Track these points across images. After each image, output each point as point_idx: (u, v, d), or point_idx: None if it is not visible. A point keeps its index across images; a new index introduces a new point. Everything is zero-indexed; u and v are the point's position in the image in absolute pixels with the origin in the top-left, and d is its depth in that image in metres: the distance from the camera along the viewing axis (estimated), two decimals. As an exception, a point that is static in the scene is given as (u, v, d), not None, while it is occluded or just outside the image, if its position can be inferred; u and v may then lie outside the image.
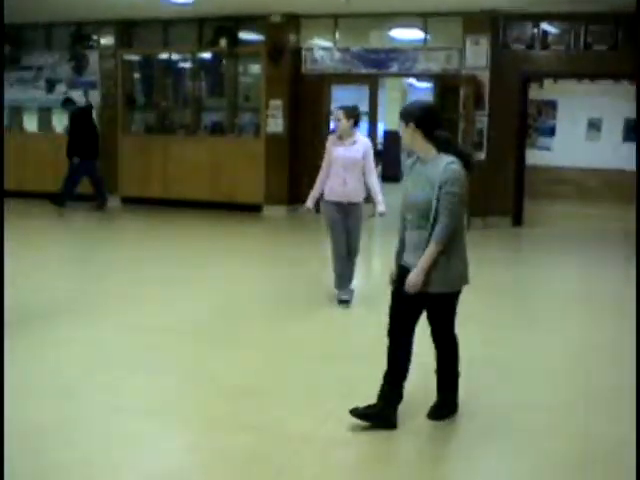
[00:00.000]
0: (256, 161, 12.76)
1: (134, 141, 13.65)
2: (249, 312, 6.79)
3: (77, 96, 13.70)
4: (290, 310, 6.79)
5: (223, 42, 12.79)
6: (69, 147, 12.67)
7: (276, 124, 12.58)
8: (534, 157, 14.49)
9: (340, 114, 6.59)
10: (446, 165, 3.94)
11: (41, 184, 13.74)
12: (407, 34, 12.34)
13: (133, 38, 13.79)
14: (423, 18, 11.99)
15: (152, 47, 13.62)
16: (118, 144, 13.52)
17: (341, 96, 13.34)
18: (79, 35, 13.93)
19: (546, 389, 4.97)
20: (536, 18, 11.42)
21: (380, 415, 4.14)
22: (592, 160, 15.21)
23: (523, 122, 12.10)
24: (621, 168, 14.58)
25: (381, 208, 6.59)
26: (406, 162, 4.35)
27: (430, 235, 3.96)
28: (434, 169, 3.97)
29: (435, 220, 3.94)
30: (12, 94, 14.42)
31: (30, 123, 15.10)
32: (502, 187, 11.80)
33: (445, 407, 4.35)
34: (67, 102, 13.33)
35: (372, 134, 12.85)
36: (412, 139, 4.08)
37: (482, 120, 11.55)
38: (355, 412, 4.12)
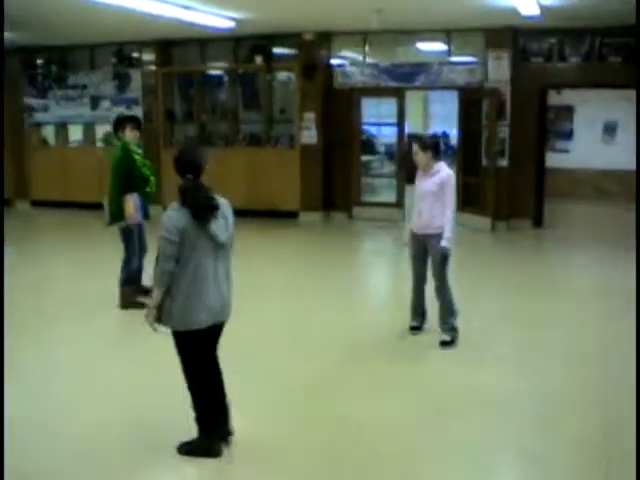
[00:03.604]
0: (292, 170, 13.60)
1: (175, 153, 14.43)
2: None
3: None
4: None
5: (259, 59, 13.63)
6: None
7: (310, 135, 13.41)
8: (553, 160, 15.22)
9: (415, 147, 6.37)
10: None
11: (84, 194, 14.73)
12: (432, 49, 13.17)
13: (172, 56, 14.66)
14: (447, 34, 12.81)
15: (191, 64, 14.48)
16: (160, 157, 14.34)
17: (371, 107, 14.21)
18: (121, 55, 14.84)
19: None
20: (554, 32, 12.18)
21: (202, 447, 4.42)
22: (608, 161, 15.93)
23: (542, 129, 12.89)
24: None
25: (443, 242, 6.28)
26: None
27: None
28: None
29: None
30: (59, 111, 15.41)
31: (75, 137, 16.03)
32: (523, 191, 12.61)
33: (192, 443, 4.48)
34: None
35: (400, 140, 13.78)
36: None
37: (504, 130, 12.35)
38: (180, 450, 4.45)
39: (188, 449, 4.43)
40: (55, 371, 6.05)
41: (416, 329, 6.87)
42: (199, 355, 4.39)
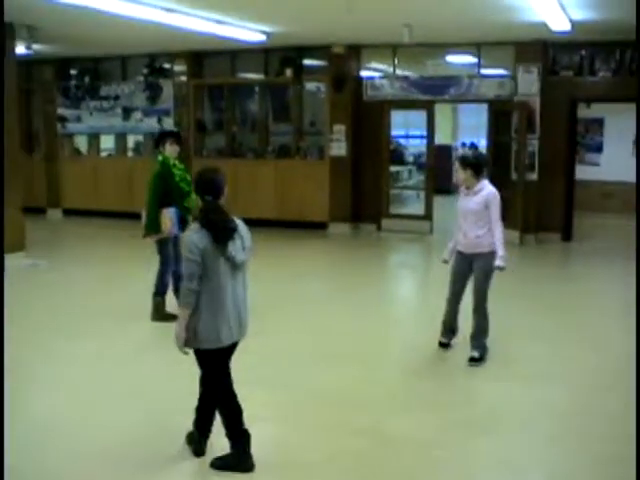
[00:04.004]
0: (321, 182, 13.69)
1: (205, 164, 14.52)
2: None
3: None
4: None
5: (289, 72, 13.76)
6: None
7: (339, 147, 13.49)
8: (583, 173, 15.16)
9: (456, 165, 6.46)
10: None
11: (115, 203, 15.07)
12: (462, 62, 13.22)
13: (204, 67, 14.82)
14: (477, 47, 12.84)
15: (221, 76, 14.63)
16: (192, 167, 14.49)
17: (399, 117, 14.22)
18: (153, 66, 15.02)
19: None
20: (584, 46, 12.21)
21: (235, 462, 4.46)
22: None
23: (572, 143, 12.87)
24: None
25: (498, 262, 6.26)
26: None
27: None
28: None
29: None
30: (91, 121, 15.62)
31: (106, 146, 16.26)
32: (552, 204, 12.59)
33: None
34: None
35: (429, 151, 13.85)
36: None
37: (533, 143, 12.35)
38: (213, 465, 4.49)
39: (221, 464, 4.48)
40: (69, 376, 6.14)
41: (445, 346, 6.88)
42: (222, 370, 4.49)
